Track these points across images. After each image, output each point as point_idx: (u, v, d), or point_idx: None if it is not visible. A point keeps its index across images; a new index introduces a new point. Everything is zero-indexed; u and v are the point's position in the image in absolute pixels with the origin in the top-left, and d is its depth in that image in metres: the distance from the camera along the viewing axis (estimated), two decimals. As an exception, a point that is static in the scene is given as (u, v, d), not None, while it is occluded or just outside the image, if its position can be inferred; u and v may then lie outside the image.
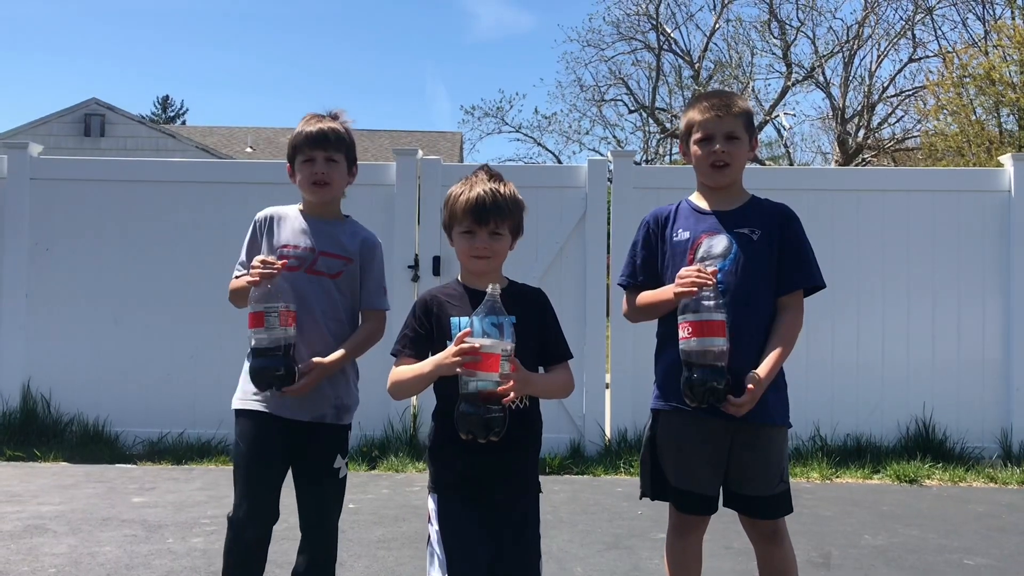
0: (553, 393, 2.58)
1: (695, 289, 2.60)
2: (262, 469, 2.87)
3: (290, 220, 3.00)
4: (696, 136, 2.82)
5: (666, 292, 2.74)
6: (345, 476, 2.98)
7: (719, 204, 2.84)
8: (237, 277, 2.99)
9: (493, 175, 2.55)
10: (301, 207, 3.04)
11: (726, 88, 23.18)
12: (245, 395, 2.91)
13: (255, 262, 2.79)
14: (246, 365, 2.92)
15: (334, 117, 3.03)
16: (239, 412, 2.92)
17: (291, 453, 2.90)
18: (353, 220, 3.09)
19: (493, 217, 2.48)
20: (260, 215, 3.04)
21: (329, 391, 2.90)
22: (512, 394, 2.28)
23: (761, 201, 2.88)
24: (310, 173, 2.94)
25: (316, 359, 2.84)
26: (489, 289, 2.32)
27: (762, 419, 2.71)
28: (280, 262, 2.80)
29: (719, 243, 2.77)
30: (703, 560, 2.90)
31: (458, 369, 2.28)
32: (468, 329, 2.29)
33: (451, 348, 2.31)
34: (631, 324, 3.12)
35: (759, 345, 2.71)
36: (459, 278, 2.59)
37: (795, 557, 2.87)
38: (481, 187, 2.49)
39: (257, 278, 2.75)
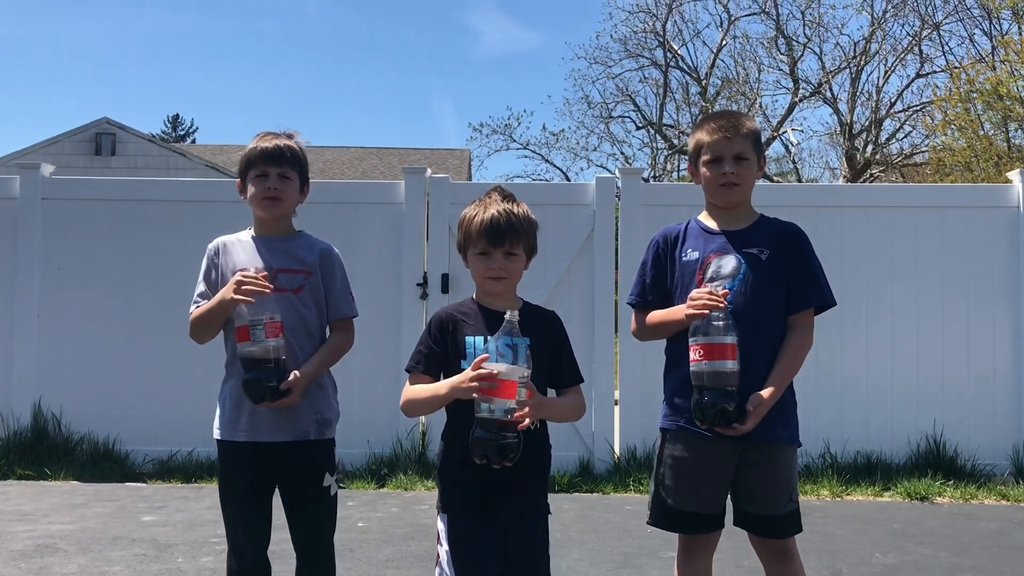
0: (566, 417, 2.62)
1: (706, 312, 2.61)
2: (247, 500, 2.86)
3: (243, 244, 2.97)
4: (705, 157, 2.83)
5: (677, 313, 2.75)
6: (336, 493, 2.95)
7: (728, 224, 2.85)
8: (198, 306, 2.93)
9: (506, 196, 2.55)
10: (253, 232, 3.01)
11: (733, 105, 23.24)
12: (223, 424, 2.90)
13: (238, 278, 2.75)
14: (224, 390, 2.91)
15: (289, 136, 3.02)
16: (219, 442, 2.91)
17: (276, 477, 2.87)
18: (307, 234, 3.05)
19: (508, 238, 2.48)
20: (212, 245, 3.00)
21: (308, 407, 2.86)
22: (527, 420, 2.28)
23: (770, 220, 2.90)
24: (263, 188, 2.91)
25: (295, 372, 2.80)
26: (507, 315, 2.31)
27: (770, 439, 2.71)
28: (262, 273, 2.77)
29: (728, 263, 2.78)
30: (714, 579, 2.89)
31: (474, 394, 2.28)
32: (486, 355, 2.29)
33: (468, 372, 2.30)
34: (640, 342, 3.12)
35: (769, 365, 2.72)
36: (474, 296, 2.60)
37: (806, 576, 2.87)
38: (495, 208, 2.49)
39: (248, 297, 2.71)
